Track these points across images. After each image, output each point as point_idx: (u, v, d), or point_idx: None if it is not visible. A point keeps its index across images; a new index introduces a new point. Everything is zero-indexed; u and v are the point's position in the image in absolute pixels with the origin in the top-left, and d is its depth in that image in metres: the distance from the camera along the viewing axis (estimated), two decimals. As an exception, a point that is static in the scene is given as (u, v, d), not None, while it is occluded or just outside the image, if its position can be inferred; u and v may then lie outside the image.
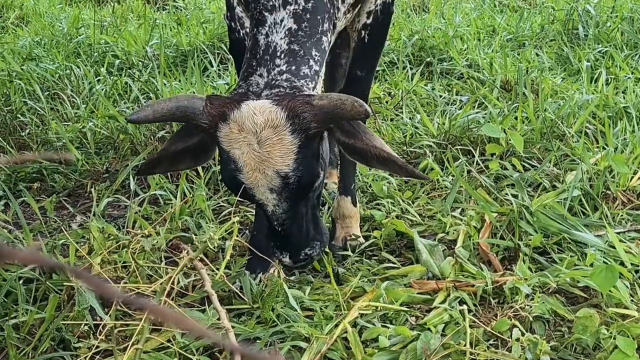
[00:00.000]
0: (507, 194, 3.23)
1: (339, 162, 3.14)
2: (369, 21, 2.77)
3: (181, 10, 7.87)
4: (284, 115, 2.21)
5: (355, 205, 3.06)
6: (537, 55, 5.23)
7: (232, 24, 2.70)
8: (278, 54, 2.34)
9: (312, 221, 2.45)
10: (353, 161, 3.07)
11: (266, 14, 2.38)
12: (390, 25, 2.92)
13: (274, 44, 2.35)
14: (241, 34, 2.69)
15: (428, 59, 5.32)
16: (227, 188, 2.39)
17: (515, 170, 3.49)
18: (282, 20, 2.37)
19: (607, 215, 3.08)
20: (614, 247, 2.75)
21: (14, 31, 6.98)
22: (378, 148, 2.32)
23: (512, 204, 3.05)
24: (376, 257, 2.98)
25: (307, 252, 2.42)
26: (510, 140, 3.62)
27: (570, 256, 2.79)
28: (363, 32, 2.81)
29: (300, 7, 2.38)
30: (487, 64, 5.01)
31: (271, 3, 2.38)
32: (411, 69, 5.20)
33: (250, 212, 3.26)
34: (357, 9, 2.73)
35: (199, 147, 2.44)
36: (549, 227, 2.94)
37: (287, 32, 2.36)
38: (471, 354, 2.28)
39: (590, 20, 5.62)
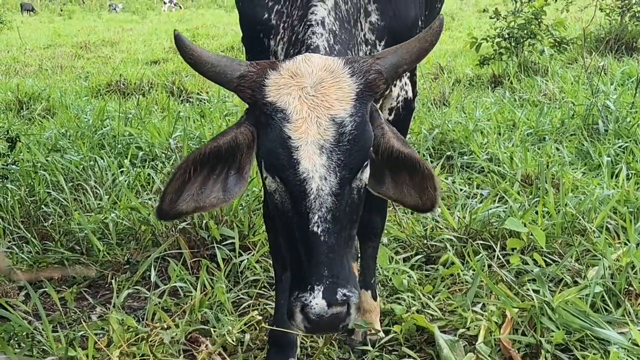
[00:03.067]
0: (528, 289, 3.24)
1: (359, 255, 3.19)
2: (390, 117, 2.83)
3: (204, 102, 8.09)
4: (341, 61, 2.10)
5: (375, 299, 3.09)
6: (558, 149, 5.31)
7: None
8: None
9: (348, 247, 2.13)
10: (374, 255, 3.13)
11: None
12: (411, 121, 2.97)
13: None
14: None
15: (448, 153, 5.41)
16: (265, 161, 2.07)
17: (537, 265, 3.51)
18: None
19: (630, 312, 3.08)
20: (637, 345, 2.74)
21: (40, 123, 7.22)
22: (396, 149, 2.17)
23: (533, 299, 3.06)
24: (396, 352, 2.98)
25: (345, 292, 2.01)
26: (531, 234, 3.66)
27: (593, 354, 2.79)
28: None
29: None
30: (507, 158, 5.09)
31: None
32: (432, 162, 5.28)
33: (270, 304, 3.30)
34: (377, 104, 2.80)
35: (229, 160, 2.15)
36: (571, 323, 2.94)
37: None
38: None
39: (610, 116, 5.71)
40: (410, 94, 2.85)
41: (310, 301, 1.98)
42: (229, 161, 2.15)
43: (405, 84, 2.83)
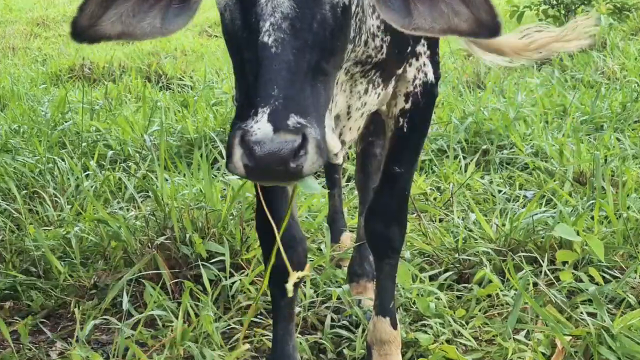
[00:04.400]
0: (582, 312, 3.23)
1: (375, 273, 3.19)
2: (407, 106, 2.82)
3: (187, 89, 8.12)
4: None
5: (395, 328, 3.07)
6: (618, 140, 5.30)
7: None
8: None
9: (317, 81, 2.02)
10: (392, 274, 3.12)
11: None
12: (433, 110, 2.97)
13: None
14: None
15: (484, 146, 5.40)
16: None
17: (593, 283, 3.50)
18: None
19: None
20: None
21: (-14, 117, 7.24)
22: None
23: (589, 324, 3.05)
24: (422, 392, 2.98)
25: (301, 121, 1.87)
26: (586, 245, 3.65)
27: (663, 390, 2.78)
28: (401, 119, 2.85)
29: None
30: (556, 151, 5.07)
31: None
32: (464, 158, 5.28)
33: (268, 335, 3.30)
34: (390, 88, 2.77)
35: None
36: (635, 353, 2.93)
37: None
38: None
39: (683, 98, 5.70)
40: (431, 77, 2.83)
41: (252, 126, 1.85)
42: None
43: (424, 65, 2.80)
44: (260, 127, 1.84)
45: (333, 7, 2.05)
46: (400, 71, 2.74)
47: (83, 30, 2.12)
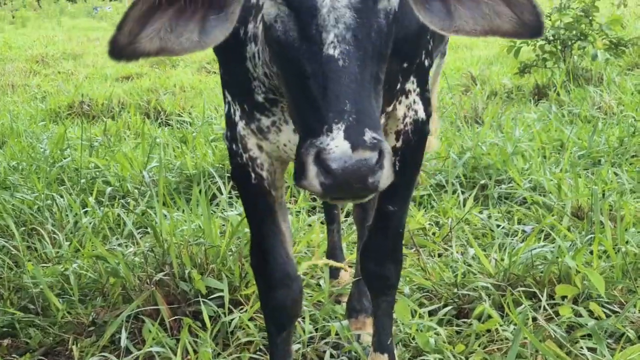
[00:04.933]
0: (582, 347, 3.23)
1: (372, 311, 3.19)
2: (398, 144, 2.82)
3: (186, 125, 8.14)
4: None
5: (394, 364, 3.08)
6: (616, 174, 5.31)
7: (234, 145, 2.80)
8: None
9: (376, 92, 2.02)
10: (389, 311, 3.11)
11: None
12: (425, 148, 2.95)
13: None
14: (244, 159, 2.78)
15: (483, 181, 5.41)
16: None
17: (593, 318, 3.49)
18: None
19: None
20: None
21: (-15, 154, 7.26)
22: None
23: None
24: None
25: (375, 135, 1.87)
26: (585, 280, 3.65)
27: None
28: (393, 158, 2.86)
29: None
30: (554, 186, 5.09)
31: None
32: (462, 192, 5.29)
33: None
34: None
35: None
36: (635, 388, 2.93)
37: None
38: None
39: (679, 132, 5.73)
40: (422, 114, 2.83)
41: (328, 144, 1.83)
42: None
43: (414, 102, 2.80)
44: (338, 144, 1.83)
45: (386, 14, 2.05)
46: (390, 109, 2.75)
47: (122, 49, 2.09)
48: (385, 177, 1.88)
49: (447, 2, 2.15)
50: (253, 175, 2.79)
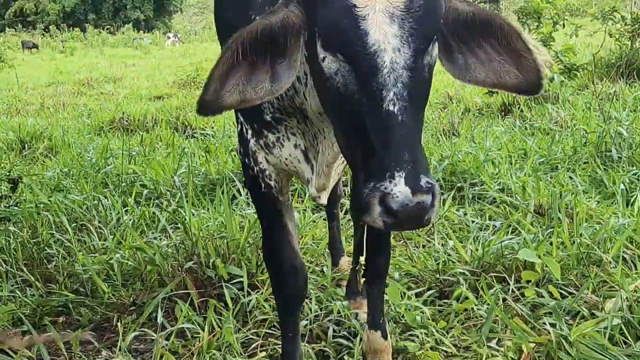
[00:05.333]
0: (544, 323, 3.23)
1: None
2: None
3: (209, 138, 8.14)
4: None
5: (386, 339, 3.07)
6: (571, 178, 5.32)
7: (246, 159, 2.79)
8: None
9: (420, 134, 1.98)
10: (381, 296, 3.11)
11: None
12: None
13: None
14: (255, 171, 2.77)
15: (459, 184, 5.42)
16: (325, 37, 1.96)
17: (552, 298, 3.50)
18: None
19: (650, 344, 3.07)
20: (659, 379, 2.72)
21: (42, 162, 7.27)
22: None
23: (550, 333, 3.06)
24: (410, 392, 2.97)
25: (429, 180, 1.86)
26: (546, 267, 3.66)
27: (614, 389, 2.77)
28: None
29: None
30: (519, 188, 5.09)
31: None
32: (442, 194, 5.29)
33: (280, 344, 3.30)
34: None
35: (278, 44, 2.06)
36: (589, 357, 2.93)
37: None
38: None
39: (623, 142, 5.72)
40: None
41: (392, 189, 1.82)
42: (278, 46, 2.05)
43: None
44: (401, 190, 1.82)
45: (430, 68, 2.01)
46: None
47: (208, 105, 2.04)
48: (435, 213, 1.89)
49: (466, 57, 2.13)
50: (263, 184, 2.78)
